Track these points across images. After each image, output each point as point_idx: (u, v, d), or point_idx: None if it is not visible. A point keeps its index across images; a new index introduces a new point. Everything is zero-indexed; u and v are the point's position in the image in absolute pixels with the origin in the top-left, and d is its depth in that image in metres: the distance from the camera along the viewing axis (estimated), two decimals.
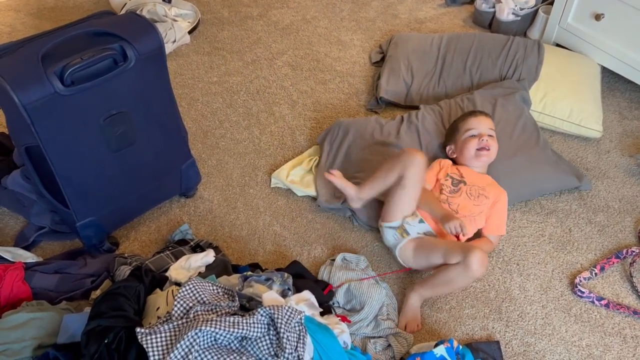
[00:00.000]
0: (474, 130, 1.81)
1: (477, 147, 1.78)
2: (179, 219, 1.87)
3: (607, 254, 1.79)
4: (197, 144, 2.13)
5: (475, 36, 2.34)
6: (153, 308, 1.30)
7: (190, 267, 1.50)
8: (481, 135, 1.79)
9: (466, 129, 1.82)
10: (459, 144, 1.83)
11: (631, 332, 1.60)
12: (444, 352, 1.40)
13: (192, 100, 2.31)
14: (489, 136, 1.80)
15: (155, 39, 1.49)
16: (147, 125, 1.59)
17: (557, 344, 1.57)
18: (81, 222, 1.62)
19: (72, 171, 1.50)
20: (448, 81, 2.26)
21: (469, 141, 1.80)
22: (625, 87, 2.37)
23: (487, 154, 1.79)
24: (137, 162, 1.63)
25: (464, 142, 1.81)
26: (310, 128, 2.20)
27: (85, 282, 1.62)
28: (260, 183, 1.99)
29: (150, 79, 1.53)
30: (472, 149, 1.79)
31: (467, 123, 1.83)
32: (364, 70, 2.47)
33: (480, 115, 1.85)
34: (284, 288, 1.43)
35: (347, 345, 1.41)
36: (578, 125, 2.11)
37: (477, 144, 1.78)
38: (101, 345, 1.18)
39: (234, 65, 2.48)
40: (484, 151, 1.78)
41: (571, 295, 1.68)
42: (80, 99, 1.40)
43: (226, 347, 1.18)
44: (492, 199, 1.76)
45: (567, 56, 2.32)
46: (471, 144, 1.79)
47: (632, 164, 2.07)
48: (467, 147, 1.79)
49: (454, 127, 1.89)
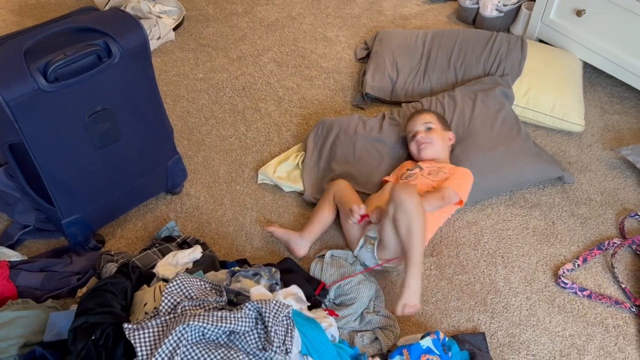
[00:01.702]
0: (410, 132, 1.92)
1: (416, 147, 1.87)
2: (165, 215, 1.87)
3: (589, 245, 1.82)
4: (183, 140, 2.12)
5: (459, 32, 2.36)
6: (140, 304, 1.30)
7: (177, 264, 1.50)
8: (415, 134, 1.88)
9: (408, 134, 1.93)
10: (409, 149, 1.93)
11: (613, 321, 1.63)
12: (430, 343, 1.42)
13: (177, 97, 2.30)
14: (427, 129, 1.88)
15: (139, 35, 1.48)
16: (132, 122, 1.59)
17: (541, 335, 1.59)
18: (66, 219, 1.60)
19: (56, 168, 1.49)
20: (433, 77, 2.28)
21: (410, 143, 1.91)
22: (606, 82, 2.41)
23: (425, 146, 1.86)
24: (122, 159, 1.62)
25: (410, 147, 1.92)
26: (297, 124, 2.20)
27: (71, 280, 1.61)
28: (247, 179, 1.99)
29: (135, 75, 1.52)
30: (414, 149, 1.89)
31: (407, 127, 1.95)
32: (349, 66, 2.48)
33: (414, 116, 1.94)
34: (271, 283, 1.44)
35: (335, 338, 1.42)
36: (561, 120, 2.14)
37: (415, 144, 1.88)
38: (88, 342, 1.18)
39: (219, 62, 2.48)
40: (422, 145, 1.86)
41: (555, 287, 1.71)
42: (64, 95, 1.39)
43: (214, 342, 1.18)
44: (449, 174, 1.77)
45: (550, 52, 2.35)
46: (412, 146, 1.90)
47: (613, 157, 2.10)
48: (411, 150, 1.91)
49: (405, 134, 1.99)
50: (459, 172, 1.79)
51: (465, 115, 2.02)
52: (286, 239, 1.74)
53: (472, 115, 2.02)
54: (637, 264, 1.77)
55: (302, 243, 1.73)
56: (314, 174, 1.96)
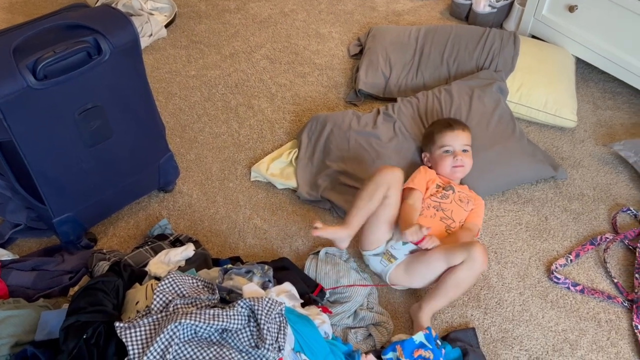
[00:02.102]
0: (449, 147, 1.81)
1: (452, 165, 1.79)
2: (157, 213, 1.86)
3: (582, 240, 1.82)
4: (176, 138, 2.11)
5: (452, 28, 2.36)
6: (132, 302, 1.29)
7: (169, 262, 1.49)
8: (455, 154, 1.79)
9: (441, 145, 1.82)
10: (435, 157, 1.84)
11: (605, 316, 1.64)
12: (422, 338, 1.42)
13: (169, 94, 2.29)
14: (464, 151, 1.81)
15: (130, 32, 1.47)
16: (123, 120, 1.58)
17: (534, 330, 1.60)
18: (58, 218, 1.59)
19: (47, 167, 1.48)
20: (426, 73, 2.28)
21: (445, 158, 1.80)
22: (598, 78, 2.41)
23: (461, 171, 1.81)
24: (113, 157, 1.61)
25: (439, 157, 1.82)
26: (290, 121, 2.19)
27: (63, 279, 1.60)
28: (240, 177, 1.99)
29: (125, 73, 1.51)
30: (447, 166, 1.80)
31: (443, 138, 1.82)
32: (342, 63, 2.48)
33: (457, 129, 1.83)
34: (264, 280, 1.43)
35: (328, 335, 1.42)
36: (553, 116, 2.14)
37: (452, 162, 1.79)
38: (80, 341, 1.17)
39: (212, 59, 2.46)
40: (459, 168, 1.80)
41: (547, 282, 1.71)
42: (53, 93, 1.38)
43: (206, 340, 1.18)
44: (475, 205, 1.79)
45: (543, 47, 2.35)
46: (447, 162, 1.80)
47: (606, 152, 2.11)
48: (443, 165, 1.80)
49: (430, 136, 1.87)
50: (481, 206, 1.80)
51: (462, 112, 2.02)
52: (332, 237, 1.61)
53: (469, 112, 2.01)
54: (630, 259, 1.78)
55: (347, 238, 1.63)
56: (307, 171, 1.96)
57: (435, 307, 1.57)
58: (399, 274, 1.62)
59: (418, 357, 1.38)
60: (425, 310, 1.55)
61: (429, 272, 1.58)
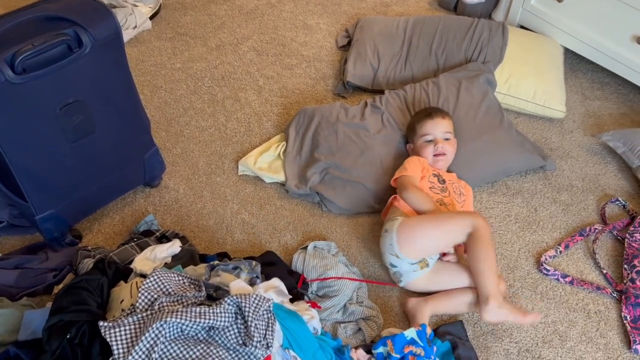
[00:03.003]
0: (429, 135, 1.80)
1: (433, 154, 1.79)
2: (143, 209, 1.83)
3: (571, 232, 1.82)
4: (161, 132, 2.08)
5: (440, 19, 2.34)
6: (117, 301, 1.27)
7: (155, 258, 1.47)
8: (436, 142, 1.79)
9: (422, 134, 1.81)
10: (417, 147, 1.83)
11: (594, 307, 1.64)
12: (414, 334, 1.41)
13: (154, 87, 2.25)
14: (446, 139, 1.80)
15: (111, 24, 1.43)
16: (106, 114, 1.54)
17: None
18: (40, 215, 1.56)
19: (28, 163, 1.45)
20: (414, 64, 2.26)
21: (426, 147, 1.80)
22: (587, 68, 2.41)
23: (443, 159, 1.80)
24: (97, 152, 1.58)
25: (421, 146, 1.81)
26: (278, 114, 2.17)
27: (47, 277, 1.57)
28: (227, 171, 1.96)
29: (107, 66, 1.48)
30: (429, 155, 1.79)
31: (423, 127, 1.82)
32: (330, 54, 2.45)
33: (437, 117, 1.82)
34: (252, 276, 1.41)
35: (317, 331, 1.41)
36: (542, 106, 2.14)
37: (433, 150, 1.79)
38: (63, 341, 1.15)
39: (197, 51, 2.43)
40: (440, 156, 1.79)
41: (537, 274, 1.71)
42: (33, 87, 1.34)
43: (193, 338, 1.16)
44: (466, 194, 1.78)
45: (531, 38, 2.34)
46: (428, 150, 1.79)
47: (594, 143, 2.11)
48: (425, 154, 1.80)
49: (412, 126, 1.87)
50: (470, 196, 1.80)
51: (449, 104, 2.00)
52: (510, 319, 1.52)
53: (457, 104, 2.00)
54: (618, 250, 1.78)
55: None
56: (296, 164, 1.94)
57: (439, 309, 1.57)
58: (422, 280, 1.60)
59: (408, 353, 1.37)
60: (427, 309, 1.54)
61: (451, 283, 1.59)
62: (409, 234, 1.56)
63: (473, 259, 1.52)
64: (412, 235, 1.56)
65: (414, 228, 1.57)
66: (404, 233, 1.56)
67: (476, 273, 1.51)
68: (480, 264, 1.50)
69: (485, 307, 1.46)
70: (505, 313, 1.46)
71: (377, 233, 1.80)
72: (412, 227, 1.57)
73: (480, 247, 1.52)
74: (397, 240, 1.56)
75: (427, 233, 1.58)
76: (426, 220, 1.60)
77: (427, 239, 1.58)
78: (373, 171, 1.87)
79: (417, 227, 1.58)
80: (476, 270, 1.51)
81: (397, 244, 1.56)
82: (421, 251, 1.57)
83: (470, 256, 1.53)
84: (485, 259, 1.51)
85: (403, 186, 1.68)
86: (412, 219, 1.60)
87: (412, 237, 1.56)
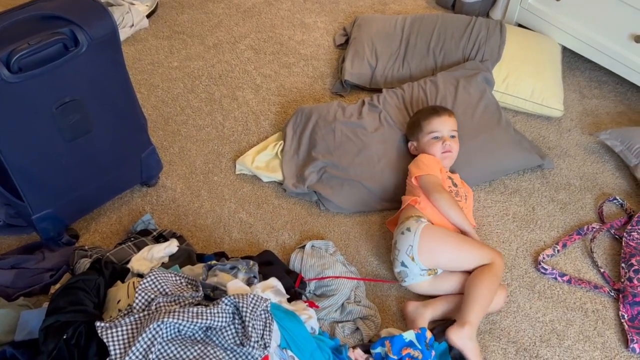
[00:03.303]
0: (437, 132, 1.78)
1: (442, 151, 1.77)
2: (140, 208, 1.83)
3: (568, 230, 1.82)
4: (158, 131, 2.07)
5: (438, 17, 2.34)
6: (114, 301, 1.26)
7: (152, 258, 1.46)
8: (444, 139, 1.77)
9: (429, 131, 1.79)
10: (422, 144, 1.81)
11: (592, 306, 1.64)
12: (413, 337, 1.41)
13: (151, 86, 2.25)
14: (451, 137, 1.79)
15: (108, 23, 1.43)
16: (103, 113, 1.54)
17: (522, 321, 1.60)
18: (37, 214, 1.56)
19: (24, 162, 1.44)
20: (412, 63, 2.26)
21: (434, 144, 1.78)
22: (585, 67, 2.41)
23: (449, 157, 1.79)
24: (94, 151, 1.58)
25: (427, 143, 1.79)
26: (275, 113, 2.16)
27: (43, 277, 1.57)
28: (225, 170, 1.96)
29: (104, 65, 1.47)
30: (437, 152, 1.77)
31: (430, 124, 1.80)
32: (328, 53, 2.44)
33: (444, 115, 1.81)
34: (249, 276, 1.41)
35: (315, 330, 1.41)
36: (540, 105, 2.14)
37: (441, 147, 1.77)
38: (60, 342, 1.14)
39: (194, 50, 2.42)
40: (447, 154, 1.78)
41: (535, 273, 1.71)
42: (29, 86, 1.33)
43: (190, 338, 1.15)
44: (469, 197, 1.78)
45: (529, 36, 2.33)
46: (436, 148, 1.77)
47: (592, 142, 2.11)
48: (432, 151, 1.77)
49: (417, 124, 1.84)
50: (471, 199, 1.79)
51: (447, 103, 2.00)
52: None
53: (455, 102, 2.00)
54: (616, 248, 1.78)
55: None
56: (293, 163, 1.93)
57: (439, 314, 1.56)
58: (425, 283, 1.59)
59: (406, 355, 1.37)
60: (427, 313, 1.54)
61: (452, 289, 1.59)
62: (432, 243, 1.55)
63: (475, 284, 1.50)
64: (434, 245, 1.56)
65: (438, 240, 1.57)
66: (427, 240, 1.55)
67: (470, 296, 1.48)
68: (479, 292, 1.48)
69: (458, 329, 1.44)
70: (470, 347, 1.44)
71: (376, 232, 1.80)
72: (437, 237, 1.57)
73: (487, 278, 1.50)
74: (419, 245, 1.54)
75: (449, 250, 1.57)
76: (452, 237, 1.59)
77: (447, 256, 1.57)
78: (371, 170, 1.87)
79: (441, 240, 1.57)
80: (471, 295, 1.48)
81: (417, 248, 1.54)
82: (436, 263, 1.57)
83: (474, 281, 1.51)
84: (486, 292, 1.49)
85: (435, 188, 1.64)
86: (438, 229, 1.59)
87: (433, 247, 1.55)
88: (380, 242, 1.76)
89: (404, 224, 1.60)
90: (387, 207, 1.84)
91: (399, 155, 1.90)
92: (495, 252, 1.58)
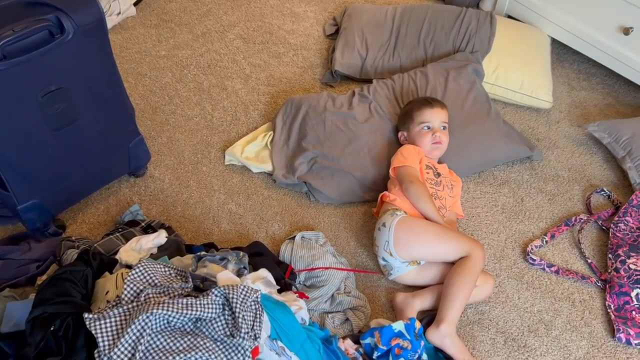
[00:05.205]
0: (428, 123, 1.78)
1: (432, 142, 1.77)
2: (128, 199, 1.81)
3: (557, 222, 1.83)
4: (146, 121, 2.04)
5: (428, 8, 2.33)
6: (102, 292, 1.25)
7: (141, 249, 1.45)
8: (434, 131, 1.77)
9: (421, 121, 1.79)
10: (413, 135, 1.81)
11: (579, 296, 1.66)
12: (402, 327, 1.41)
13: (139, 75, 2.22)
14: (442, 129, 1.79)
15: (95, 10, 1.40)
16: (90, 102, 1.51)
17: (510, 311, 1.61)
18: (23, 205, 1.53)
19: (9, 151, 1.41)
20: (402, 54, 2.25)
21: (424, 135, 1.78)
22: (573, 59, 2.42)
23: (439, 148, 1.79)
24: (80, 141, 1.55)
25: (418, 134, 1.79)
26: (265, 103, 2.15)
27: (30, 268, 1.54)
28: (214, 160, 1.94)
29: (91, 53, 1.44)
30: (427, 143, 1.77)
31: (422, 114, 1.80)
32: (318, 43, 2.43)
33: (437, 106, 1.81)
34: (239, 267, 1.41)
35: (305, 321, 1.40)
36: (529, 97, 2.14)
37: (431, 138, 1.77)
38: (47, 333, 1.13)
39: (183, 38, 2.39)
40: (437, 145, 1.78)
41: (523, 263, 1.72)
42: (14, 74, 1.30)
43: (180, 330, 1.14)
44: (456, 187, 1.78)
45: (518, 28, 2.34)
46: (426, 139, 1.77)
47: (580, 133, 2.12)
48: (422, 141, 1.78)
49: (408, 114, 1.84)
50: (459, 188, 1.80)
51: (437, 94, 2.00)
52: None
53: (445, 93, 2.00)
54: (603, 239, 1.80)
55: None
56: (283, 154, 1.92)
57: (427, 304, 1.56)
58: (411, 274, 1.60)
59: (395, 345, 1.37)
60: (416, 304, 1.54)
61: (439, 278, 1.59)
62: (407, 237, 1.55)
63: (451, 281, 1.50)
64: (409, 239, 1.56)
65: (413, 233, 1.56)
66: (402, 234, 1.55)
67: (447, 295, 1.48)
68: (455, 288, 1.48)
69: (434, 329, 1.45)
70: (449, 344, 1.44)
71: (366, 223, 1.80)
72: (412, 231, 1.57)
73: (464, 275, 1.50)
74: (394, 240, 1.55)
75: (424, 243, 1.57)
76: (427, 228, 1.58)
77: (423, 248, 1.58)
78: (361, 160, 1.86)
79: (417, 233, 1.57)
80: (448, 293, 1.48)
81: (393, 243, 1.55)
82: (414, 256, 1.58)
83: (450, 278, 1.51)
84: (463, 288, 1.48)
85: (407, 179, 1.65)
86: (413, 222, 1.58)
87: (408, 241, 1.56)
88: (370, 233, 1.76)
89: (380, 219, 1.62)
90: (377, 198, 1.84)
91: (389, 146, 1.89)
92: (473, 243, 1.57)
